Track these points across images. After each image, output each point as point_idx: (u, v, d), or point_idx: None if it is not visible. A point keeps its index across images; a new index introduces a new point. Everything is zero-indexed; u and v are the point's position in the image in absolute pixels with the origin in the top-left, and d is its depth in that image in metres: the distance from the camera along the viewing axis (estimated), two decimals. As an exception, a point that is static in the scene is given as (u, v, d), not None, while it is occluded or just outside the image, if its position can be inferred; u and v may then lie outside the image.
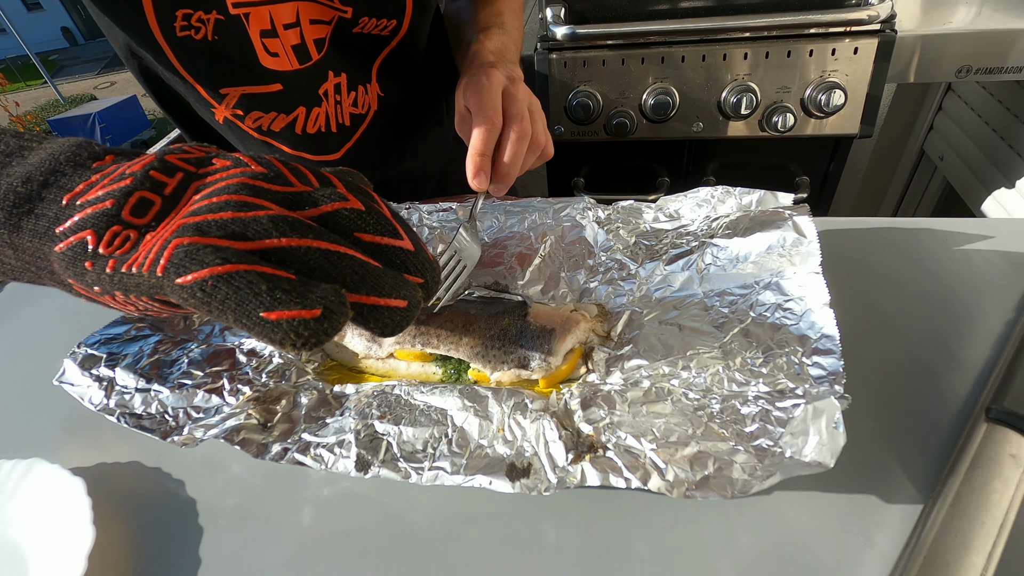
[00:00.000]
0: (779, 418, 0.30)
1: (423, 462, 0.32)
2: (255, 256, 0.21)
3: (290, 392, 0.37)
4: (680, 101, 1.01)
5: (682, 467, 0.29)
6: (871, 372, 0.36)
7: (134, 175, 0.23)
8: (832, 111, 0.97)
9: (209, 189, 0.23)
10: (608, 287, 0.42)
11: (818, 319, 0.34)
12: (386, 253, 0.24)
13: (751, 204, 0.42)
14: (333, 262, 0.21)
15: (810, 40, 0.93)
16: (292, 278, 0.20)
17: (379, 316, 0.22)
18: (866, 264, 0.44)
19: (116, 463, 0.39)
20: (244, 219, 0.21)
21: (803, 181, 1.11)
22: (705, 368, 0.34)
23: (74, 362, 0.37)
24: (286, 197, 0.23)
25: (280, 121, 0.54)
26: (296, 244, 0.21)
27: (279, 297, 0.20)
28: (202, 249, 0.20)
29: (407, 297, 0.23)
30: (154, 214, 0.23)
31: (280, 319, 0.19)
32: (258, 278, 0.20)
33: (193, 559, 0.33)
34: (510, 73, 0.47)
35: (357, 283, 0.22)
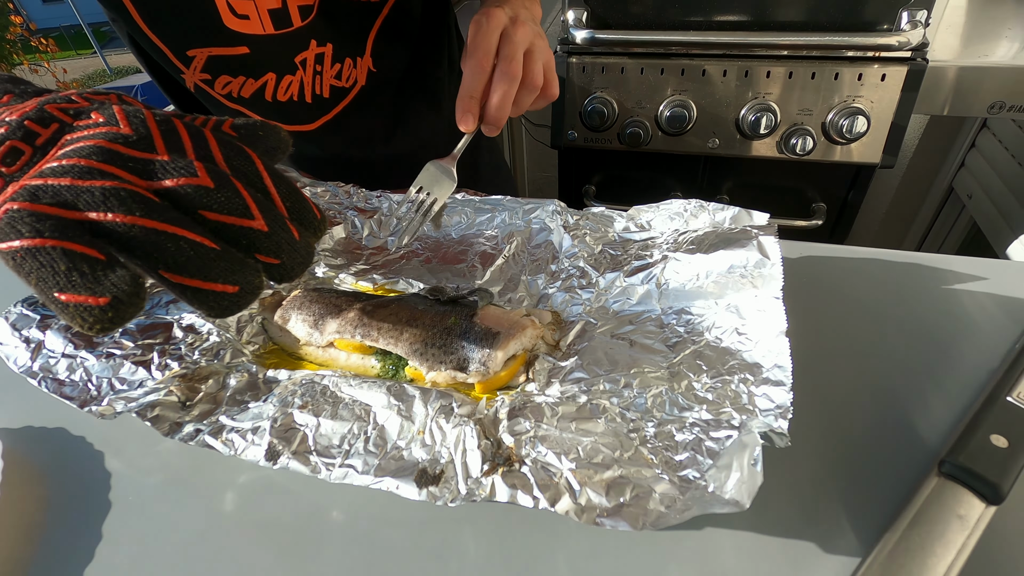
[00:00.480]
0: (711, 449, 0.28)
1: (336, 458, 0.31)
2: (76, 228, 0.21)
3: (220, 372, 0.36)
4: (697, 115, 0.98)
5: (597, 491, 0.27)
6: (827, 410, 0.34)
7: (10, 123, 0.23)
8: (854, 138, 0.93)
9: (66, 149, 0.23)
10: (566, 294, 0.40)
11: (773, 347, 0.31)
12: (233, 232, 0.23)
13: (724, 221, 0.40)
14: (157, 241, 0.21)
15: (837, 63, 0.90)
16: (99, 259, 0.20)
17: (204, 298, 0.22)
18: (842, 295, 0.42)
19: (43, 428, 0.38)
20: (79, 187, 0.21)
21: (819, 208, 1.07)
22: (648, 388, 0.32)
23: (6, 321, 0.36)
24: (139, 164, 0.23)
25: (249, 87, 0.53)
26: (120, 220, 0.21)
27: (74, 280, 0.20)
28: (24, 218, 0.20)
29: (239, 282, 0.23)
30: (21, 164, 0.23)
31: (69, 301, 0.20)
32: (61, 257, 0.20)
33: (94, 534, 0.32)
34: (515, 13, 0.45)
35: (180, 265, 0.21)
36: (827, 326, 0.39)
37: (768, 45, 0.91)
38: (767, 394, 0.30)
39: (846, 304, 0.41)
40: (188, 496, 0.34)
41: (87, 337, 0.36)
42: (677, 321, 0.36)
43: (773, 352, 0.31)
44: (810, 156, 0.96)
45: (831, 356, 0.37)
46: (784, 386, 0.29)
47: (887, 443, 0.32)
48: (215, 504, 0.33)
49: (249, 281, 0.23)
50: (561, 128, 1.06)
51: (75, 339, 0.36)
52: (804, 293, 0.41)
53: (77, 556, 0.31)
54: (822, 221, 1.06)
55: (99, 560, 0.31)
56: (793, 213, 1.06)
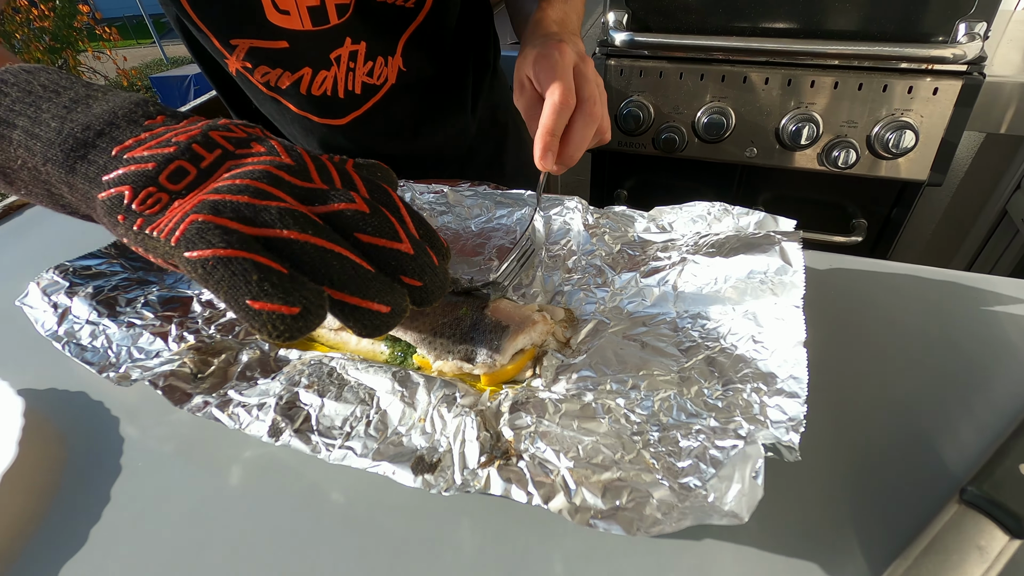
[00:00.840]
0: (715, 458, 0.27)
1: (336, 439, 0.31)
2: (257, 243, 0.22)
3: (233, 348, 0.37)
4: (736, 123, 0.96)
5: (593, 492, 0.26)
6: (843, 427, 0.32)
7: (178, 144, 0.25)
8: (900, 153, 0.89)
9: (237, 171, 0.25)
10: (581, 292, 0.40)
11: (790, 358, 0.30)
12: (383, 255, 0.24)
13: (748, 226, 0.38)
14: (325, 259, 0.23)
15: (886, 74, 0.86)
16: (284, 272, 0.22)
17: (359, 316, 0.23)
18: (870, 310, 0.40)
19: (66, 391, 0.40)
20: (256, 206, 0.23)
21: (860, 224, 1.03)
22: (656, 391, 0.31)
23: (38, 286, 0.38)
24: (301, 191, 0.24)
25: (286, 79, 0.54)
26: (295, 237, 0.22)
27: (266, 289, 0.21)
28: (212, 229, 0.22)
29: (391, 303, 0.24)
30: (187, 183, 0.25)
31: (262, 309, 0.21)
32: (252, 267, 0.21)
33: (102, 496, 0.33)
34: (579, 49, 0.45)
35: (344, 282, 0.23)
36: (851, 341, 0.37)
37: (814, 53, 0.88)
38: (780, 405, 0.29)
39: (874, 319, 0.39)
40: (195, 466, 0.34)
41: (110, 305, 0.37)
42: (692, 325, 0.35)
43: (789, 362, 0.30)
44: (852, 170, 0.93)
45: (852, 371, 0.35)
46: (798, 398, 0.28)
47: (906, 465, 0.31)
48: (220, 476, 0.34)
49: (398, 303, 0.24)
50: (596, 130, 1.05)
51: (99, 307, 0.37)
52: (829, 305, 0.39)
53: (85, 516, 0.32)
54: (862, 238, 1.02)
55: (104, 521, 0.32)
56: (832, 228, 1.02)
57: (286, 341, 0.22)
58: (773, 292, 0.33)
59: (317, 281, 0.23)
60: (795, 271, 0.33)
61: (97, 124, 0.26)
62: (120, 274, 0.40)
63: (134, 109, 0.27)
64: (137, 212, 0.24)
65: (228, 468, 0.34)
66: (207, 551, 0.30)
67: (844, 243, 1.01)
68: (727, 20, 0.93)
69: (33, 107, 0.27)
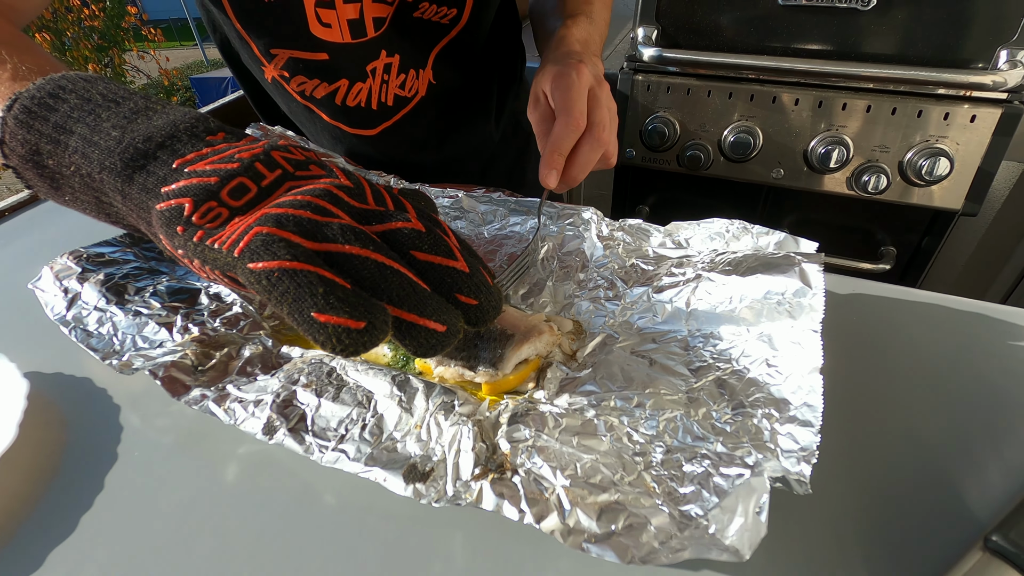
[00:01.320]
0: (719, 486, 0.25)
1: (330, 441, 0.30)
2: (319, 258, 0.22)
3: (236, 342, 0.37)
4: (763, 143, 0.94)
5: (588, 514, 0.25)
6: (859, 461, 0.31)
7: (241, 161, 0.25)
8: (934, 180, 0.87)
9: (298, 189, 0.25)
10: (591, 304, 0.39)
11: (805, 384, 0.29)
12: (439, 272, 0.24)
13: (768, 245, 0.37)
14: (384, 275, 0.23)
15: (921, 99, 0.84)
16: (347, 287, 0.22)
17: (416, 334, 0.23)
18: (893, 339, 0.38)
19: (72, 376, 0.40)
20: (318, 222, 0.23)
21: (888, 252, 1.00)
22: (661, 411, 0.30)
23: (51, 270, 0.38)
24: (359, 211, 0.25)
25: (322, 89, 0.55)
26: (356, 252, 0.23)
27: (332, 303, 0.21)
28: (277, 242, 0.22)
29: (447, 322, 0.23)
30: (247, 200, 0.25)
31: (327, 322, 0.21)
32: (318, 280, 0.21)
33: (96, 483, 0.33)
34: (597, 72, 0.45)
35: (401, 299, 0.23)
36: (871, 370, 0.36)
37: (847, 76, 0.86)
38: (792, 434, 0.27)
39: (897, 349, 0.37)
40: (192, 459, 0.34)
41: (119, 293, 0.37)
42: (703, 345, 0.33)
43: (804, 389, 0.28)
44: (883, 196, 0.90)
45: (870, 402, 0.34)
46: (811, 427, 0.27)
47: (926, 507, 0.29)
48: (216, 471, 0.33)
49: (453, 322, 0.24)
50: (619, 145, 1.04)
51: (108, 294, 0.37)
52: (849, 331, 0.37)
53: (78, 503, 0.32)
54: (890, 266, 0.99)
55: (95, 509, 0.31)
56: (859, 255, 0.99)
57: (349, 356, 0.22)
58: (790, 315, 0.32)
59: (377, 297, 0.22)
60: (814, 294, 0.32)
61: (158, 136, 0.26)
62: (132, 262, 0.40)
63: (195, 124, 0.27)
64: (197, 225, 0.24)
65: (224, 463, 0.34)
66: (194, 546, 0.29)
67: (872, 271, 0.98)
68: (759, 39, 0.91)
69: (92, 115, 0.27)
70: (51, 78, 0.28)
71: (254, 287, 0.22)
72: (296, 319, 0.21)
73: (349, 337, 0.21)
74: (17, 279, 0.49)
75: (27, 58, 0.31)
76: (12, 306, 0.46)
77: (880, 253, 1.01)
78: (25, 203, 0.61)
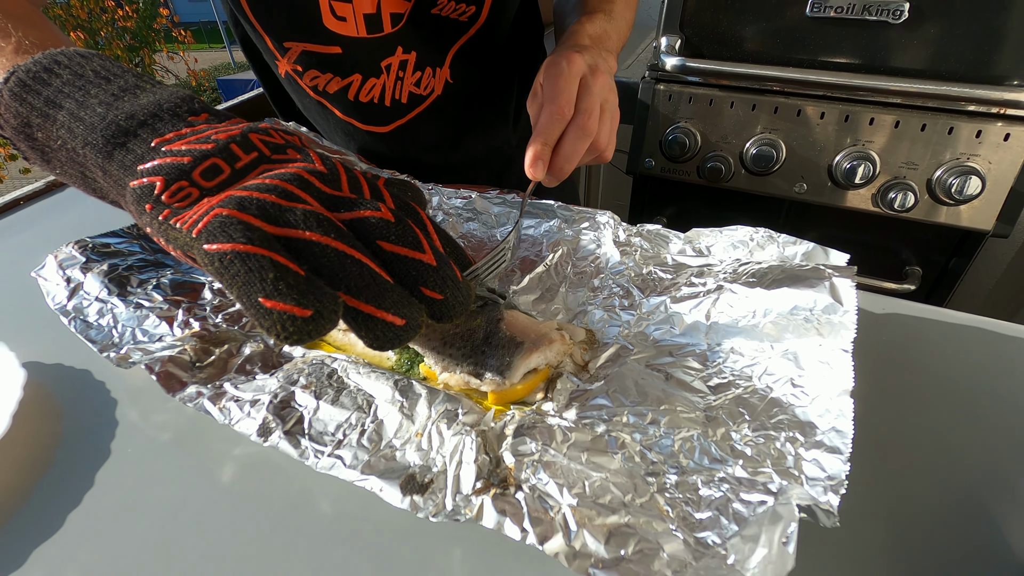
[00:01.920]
0: (738, 513, 0.24)
1: (327, 446, 0.29)
2: (278, 242, 0.22)
3: (237, 339, 0.35)
4: (786, 156, 0.92)
5: (596, 537, 0.23)
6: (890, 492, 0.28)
7: (216, 142, 0.25)
8: (963, 200, 0.84)
9: (268, 173, 0.25)
10: (605, 313, 0.37)
11: (833, 407, 0.27)
12: (404, 264, 0.24)
13: (795, 256, 0.35)
14: (344, 264, 0.22)
15: (953, 116, 0.81)
16: (301, 274, 0.21)
17: (372, 326, 0.23)
18: (929, 363, 0.36)
19: (71, 367, 0.39)
20: (282, 206, 0.23)
21: (914, 272, 0.97)
22: (677, 429, 0.28)
23: (55, 259, 0.38)
24: (328, 197, 0.24)
25: (335, 84, 0.54)
26: (316, 239, 0.22)
27: (280, 288, 0.21)
28: (235, 224, 0.22)
29: (406, 316, 0.23)
30: (219, 181, 0.24)
31: (273, 308, 0.21)
32: (270, 265, 0.21)
33: (86, 480, 0.32)
34: (594, 62, 0.44)
35: (359, 289, 0.22)
36: (903, 394, 0.33)
37: (876, 90, 0.84)
38: (818, 460, 0.25)
39: (931, 373, 0.35)
40: (186, 458, 0.33)
41: (122, 284, 0.37)
42: (723, 360, 0.32)
43: (832, 413, 0.26)
44: (909, 214, 0.88)
45: (903, 429, 0.31)
46: (840, 454, 0.25)
47: (961, 542, 0.26)
48: (209, 471, 0.32)
49: (414, 317, 0.23)
50: (639, 155, 1.03)
51: (110, 285, 0.36)
52: (881, 353, 0.35)
53: (66, 499, 0.31)
54: (915, 287, 0.96)
55: (83, 507, 0.30)
56: (882, 274, 0.96)
57: (293, 344, 0.21)
58: (819, 332, 0.30)
59: (334, 286, 0.22)
60: (846, 311, 0.30)
61: (141, 114, 0.26)
62: (137, 255, 0.40)
63: (179, 104, 0.27)
64: (165, 203, 0.24)
65: (219, 464, 0.33)
66: (181, 551, 0.28)
67: (896, 290, 0.95)
68: (785, 50, 0.90)
69: (82, 91, 0.27)
70: (48, 53, 0.28)
71: (207, 268, 0.22)
72: (244, 303, 0.21)
73: (294, 325, 0.21)
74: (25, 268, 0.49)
75: (32, 32, 0.30)
76: (17, 294, 0.45)
77: (905, 273, 0.98)
78: (38, 193, 0.61)
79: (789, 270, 0.33)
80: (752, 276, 0.34)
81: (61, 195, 0.63)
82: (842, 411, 0.26)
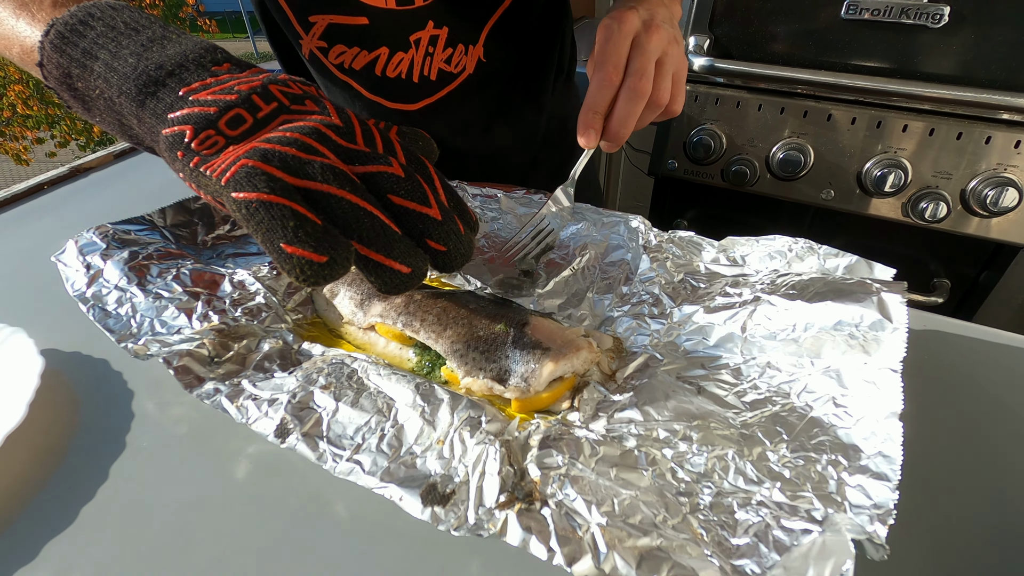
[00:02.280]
0: (779, 541, 0.22)
1: (345, 450, 0.28)
2: (298, 193, 0.24)
3: (257, 335, 0.35)
4: (814, 162, 0.90)
5: (627, 559, 0.22)
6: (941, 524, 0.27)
7: (239, 93, 0.27)
8: (999, 212, 0.81)
9: (288, 126, 0.26)
10: (633, 321, 0.36)
11: (880, 430, 0.25)
12: (412, 217, 0.26)
13: (836, 269, 0.34)
14: (357, 215, 0.24)
15: (991, 125, 0.79)
16: (318, 223, 0.24)
17: (381, 272, 0.25)
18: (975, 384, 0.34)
19: (90, 356, 0.39)
20: (301, 159, 0.25)
21: (942, 284, 0.94)
22: (711, 447, 0.27)
23: (75, 244, 0.37)
24: (345, 151, 0.26)
25: (361, 59, 0.53)
26: (332, 192, 0.24)
27: (300, 236, 0.23)
28: (260, 175, 0.24)
29: (412, 265, 0.25)
30: (243, 131, 0.26)
31: (293, 254, 0.23)
32: (290, 214, 0.23)
33: (100, 473, 0.31)
34: (649, 16, 0.42)
35: (370, 239, 0.25)
36: (949, 419, 0.32)
37: (910, 96, 0.81)
38: (863, 487, 0.24)
39: (978, 396, 0.33)
40: (201, 455, 0.32)
41: (142, 273, 0.36)
42: (759, 375, 0.30)
43: (879, 436, 0.25)
44: (940, 224, 0.85)
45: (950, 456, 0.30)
46: (888, 482, 0.23)
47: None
48: (224, 469, 0.31)
49: (419, 265, 0.26)
50: (662, 156, 1.01)
51: (129, 273, 0.35)
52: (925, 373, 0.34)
53: (79, 493, 0.30)
54: (943, 300, 0.93)
55: (96, 501, 0.30)
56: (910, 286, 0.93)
57: (311, 285, 0.23)
58: (864, 349, 0.28)
59: (347, 235, 0.24)
60: (895, 328, 0.28)
61: (169, 64, 0.28)
62: (158, 243, 0.39)
63: (204, 54, 0.29)
64: (195, 151, 0.26)
65: (235, 461, 0.32)
66: (193, 551, 0.27)
67: (923, 303, 0.93)
68: (816, 53, 0.87)
69: (114, 42, 0.28)
70: (83, 6, 0.29)
71: (235, 214, 0.24)
72: (267, 247, 0.23)
73: (311, 268, 0.23)
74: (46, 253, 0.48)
75: None
76: (38, 280, 0.45)
77: (933, 285, 0.95)
78: (62, 178, 0.61)
79: (833, 283, 0.32)
80: (792, 288, 0.32)
81: (84, 181, 0.63)
82: (890, 435, 0.25)
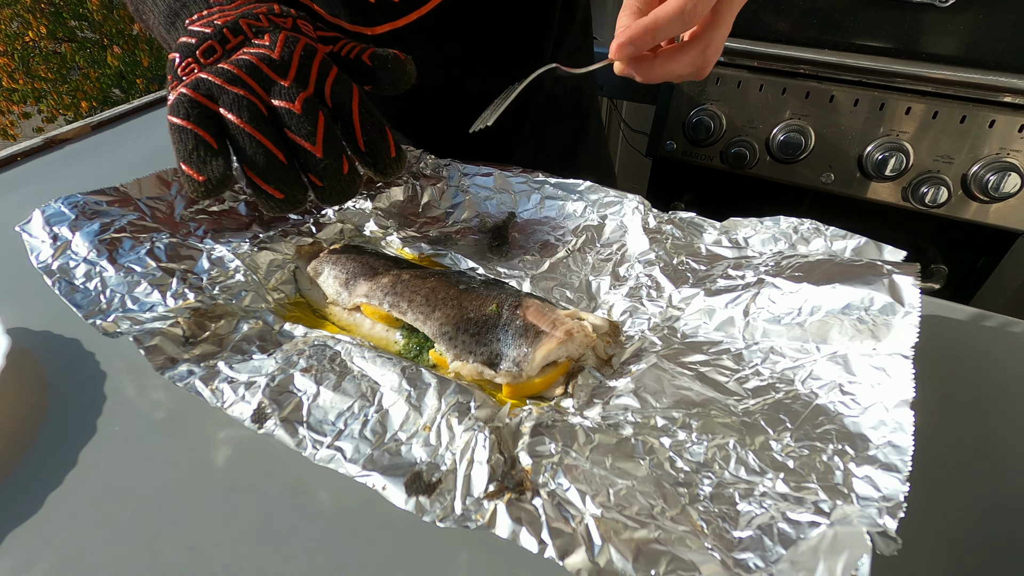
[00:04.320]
0: (784, 534, 0.21)
1: (326, 436, 0.26)
2: (211, 118, 0.29)
3: (235, 314, 0.33)
4: (815, 144, 0.88)
5: (622, 553, 0.21)
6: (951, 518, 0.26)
7: (215, 26, 0.32)
8: (1000, 197, 0.80)
9: (233, 57, 0.31)
10: (630, 303, 0.34)
11: (890, 419, 0.24)
12: (299, 152, 0.30)
13: (844, 250, 0.32)
14: (251, 144, 0.29)
15: (995, 108, 0.77)
16: (214, 147, 0.29)
17: (259, 194, 0.30)
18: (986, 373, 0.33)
19: (61, 336, 0.37)
20: (224, 88, 0.30)
21: (939, 270, 0.94)
22: (711, 435, 0.26)
23: (42, 214, 0.35)
24: (268, 82, 0.31)
25: None
26: (235, 121, 0.29)
27: (192, 157, 0.29)
28: (185, 101, 0.29)
29: (285, 192, 0.30)
30: (213, 60, 0.32)
31: (182, 170, 0.29)
32: (192, 138, 0.29)
33: (69, 458, 0.30)
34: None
35: (253, 164, 0.29)
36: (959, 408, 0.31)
37: (913, 77, 0.79)
38: (871, 478, 0.23)
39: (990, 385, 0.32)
40: (176, 440, 0.31)
41: (113, 246, 0.34)
42: (762, 361, 0.29)
43: (888, 425, 0.24)
44: (940, 210, 0.84)
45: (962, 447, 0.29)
46: (898, 473, 0.22)
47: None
48: (202, 455, 0.30)
49: (293, 194, 0.30)
50: (660, 136, 0.99)
51: (100, 246, 0.33)
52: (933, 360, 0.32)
53: (46, 479, 0.29)
54: (940, 286, 0.93)
55: (64, 488, 0.28)
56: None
57: (199, 198, 0.29)
58: (873, 335, 0.27)
59: (240, 159, 0.30)
60: (907, 312, 0.27)
61: None
62: (131, 215, 0.37)
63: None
64: (180, 76, 0.31)
65: (213, 446, 0.30)
66: (166, 542, 0.26)
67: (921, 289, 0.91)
68: (820, 32, 0.85)
69: None
70: None
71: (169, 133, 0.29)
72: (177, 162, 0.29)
73: (191, 184, 0.29)
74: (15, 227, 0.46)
75: None
76: (7, 255, 0.43)
77: (931, 271, 0.94)
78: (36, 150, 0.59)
79: (842, 265, 0.30)
80: (798, 270, 0.31)
81: (60, 152, 0.60)
82: (900, 424, 0.24)
